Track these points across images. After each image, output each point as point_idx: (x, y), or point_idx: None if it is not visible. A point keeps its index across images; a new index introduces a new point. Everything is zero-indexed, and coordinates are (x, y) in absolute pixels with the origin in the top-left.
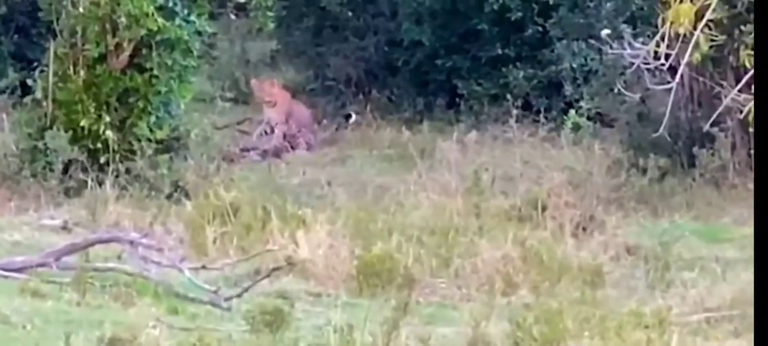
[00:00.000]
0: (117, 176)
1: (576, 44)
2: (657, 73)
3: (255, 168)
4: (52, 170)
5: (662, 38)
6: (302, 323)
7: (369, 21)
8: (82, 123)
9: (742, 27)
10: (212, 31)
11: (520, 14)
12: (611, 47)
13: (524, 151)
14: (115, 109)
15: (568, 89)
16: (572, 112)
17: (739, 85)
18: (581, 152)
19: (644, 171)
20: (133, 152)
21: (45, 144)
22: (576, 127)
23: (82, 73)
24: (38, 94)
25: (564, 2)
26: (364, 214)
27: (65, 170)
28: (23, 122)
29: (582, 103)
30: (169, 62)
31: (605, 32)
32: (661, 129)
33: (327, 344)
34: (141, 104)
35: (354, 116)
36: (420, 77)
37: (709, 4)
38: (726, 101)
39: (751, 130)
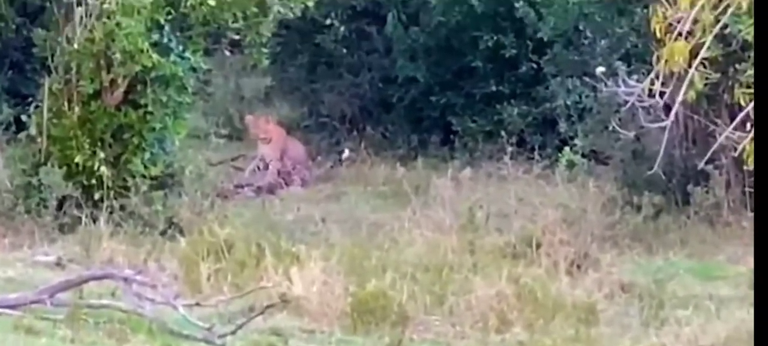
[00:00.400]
0: (111, 213)
1: (570, 81)
2: (651, 110)
3: (249, 204)
4: (46, 206)
5: (657, 76)
6: None
7: (363, 58)
8: (77, 159)
9: (737, 65)
10: (207, 68)
11: (514, 51)
12: (606, 85)
13: (519, 188)
14: (110, 146)
15: (562, 126)
16: (567, 149)
17: (734, 123)
18: (576, 190)
19: (639, 209)
20: (128, 189)
21: (39, 180)
22: (570, 165)
23: (76, 109)
24: (33, 131)
25: (558, 39)
26: (358, 251)
27: (59, 206)
28: (17, 158)
29: (576, 141)
30: (164, 99)
31: (600, 70)
32: (656, 167)
33: None
34: (135, 141)
35: (347, 152)
36: (414, 114)
37: (704, 42)
38: (721, 139)
39: (745, 167)
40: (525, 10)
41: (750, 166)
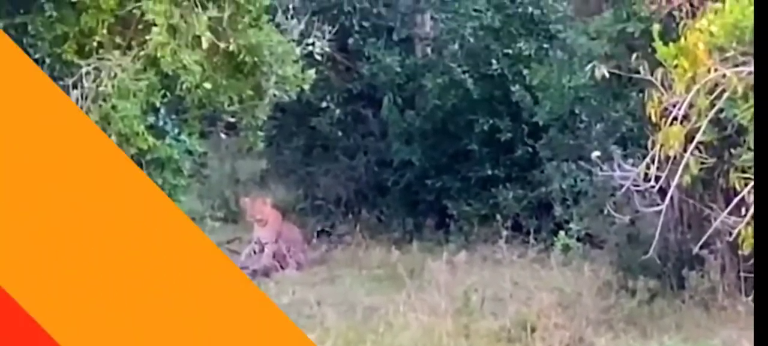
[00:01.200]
0: None
1: (566, 165)
2: (647, 195)
3: None
4: None
5: (652, 160)
6: None
7: (359, 141)
8: None
9: (732, 150)
10: (202, 151)
11: (510, 135)
12: (601, 169)
13: (514, 272)
14: None
15: (557, 210)
16: (562, 233)
17: (729, 208)
18: (571, 274)
19: (634, 293)
20: None
21: None
22: (565, 249)
23: None
24: None
25: (554, 123)
26: (353, 334)
27: None
28: None
29: (572, 225)
30: (159, 181)
31: (595, 154)
32: (651, 251)
33: None
34: None
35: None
36: (410, 197)
37: (699, 127)
38: (716, 224)
39: (740, 252)
40: (521, 94)
41: (745, 250)
